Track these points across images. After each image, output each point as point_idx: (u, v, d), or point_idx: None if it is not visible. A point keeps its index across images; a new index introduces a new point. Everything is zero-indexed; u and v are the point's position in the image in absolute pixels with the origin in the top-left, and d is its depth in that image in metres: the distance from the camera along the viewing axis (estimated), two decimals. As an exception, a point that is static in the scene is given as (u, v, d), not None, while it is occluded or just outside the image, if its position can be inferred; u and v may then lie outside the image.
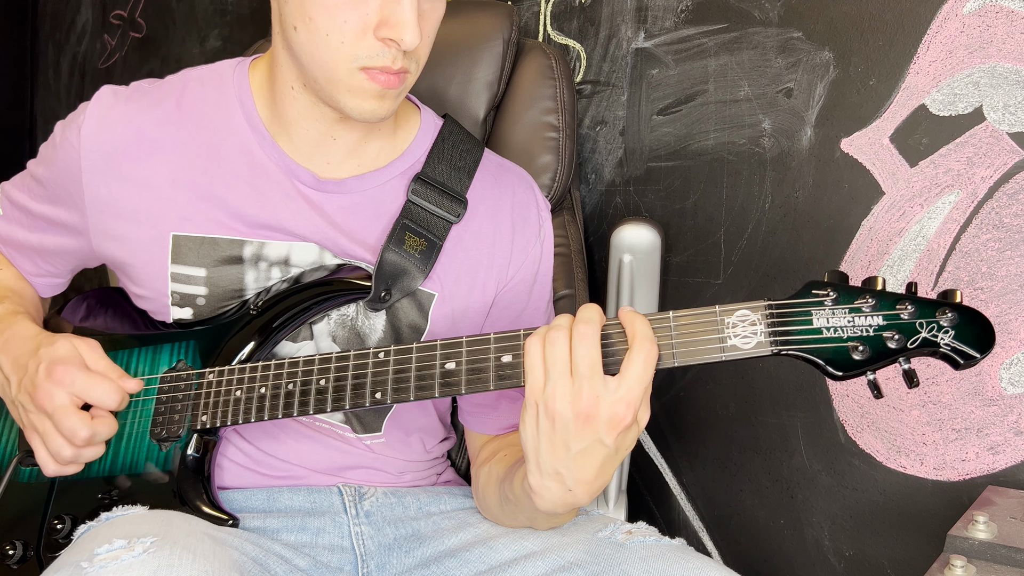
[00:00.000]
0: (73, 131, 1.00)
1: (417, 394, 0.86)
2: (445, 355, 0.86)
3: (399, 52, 0.88)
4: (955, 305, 0.74)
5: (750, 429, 1.36)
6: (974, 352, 0.73)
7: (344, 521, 0.99)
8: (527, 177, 1.12)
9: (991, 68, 1.13)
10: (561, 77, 1.34)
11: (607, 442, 0.76)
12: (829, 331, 0.76)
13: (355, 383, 0.90)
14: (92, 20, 2.50)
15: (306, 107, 0.97)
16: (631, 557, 0.83)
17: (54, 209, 1.05)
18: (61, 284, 1.14)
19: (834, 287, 0.77)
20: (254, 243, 0.99)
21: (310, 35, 0.89)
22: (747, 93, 1.33)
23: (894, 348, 0.75)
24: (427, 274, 1.00)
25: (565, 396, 0.76)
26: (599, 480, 0.80)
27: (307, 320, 1.00)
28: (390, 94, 0.91)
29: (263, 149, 1.00)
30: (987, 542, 0.93)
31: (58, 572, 0.75)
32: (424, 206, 1.01)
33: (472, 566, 0.92)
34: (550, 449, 0.78)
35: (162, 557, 0.73)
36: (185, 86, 1.03)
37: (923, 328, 0.75)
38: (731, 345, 0.78)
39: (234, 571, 0.77)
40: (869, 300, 0.76)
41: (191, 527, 0.82)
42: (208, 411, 0.95)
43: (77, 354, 0.93)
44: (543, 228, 1.09)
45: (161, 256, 0.99)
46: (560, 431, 0.77)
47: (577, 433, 0.76)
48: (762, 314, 0.78)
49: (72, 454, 0.91)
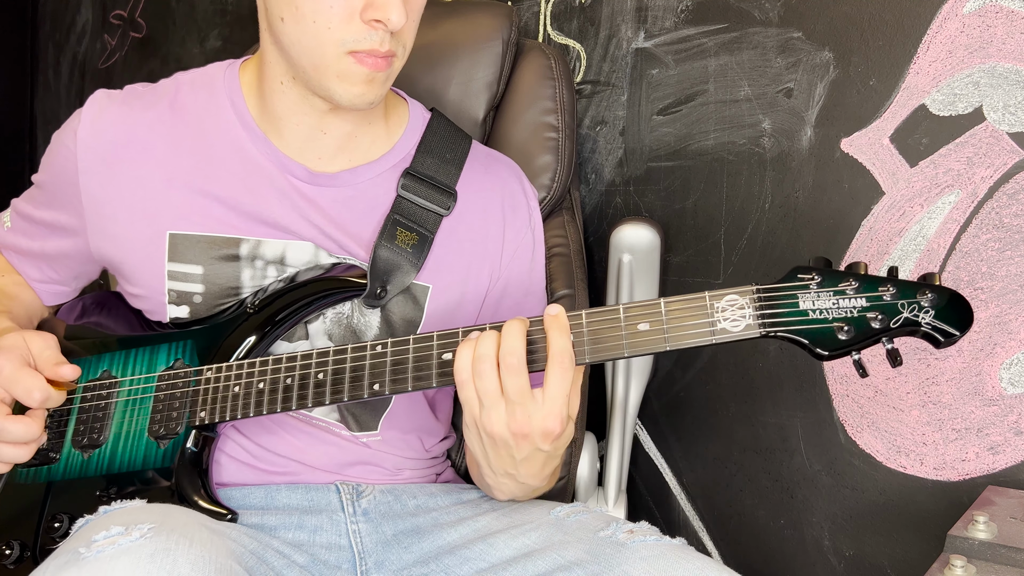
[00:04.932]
0: (68, 135, 1.03)
1: (415, 384, 0.88)
2: (442, 346, 0.88)
3: (386, 34, 0.91)
4: (935, 286, 0.78)
5: (750, 429, 1.36)
6: (954, 330, 0.77)
7: (341, 519, 0.99)
8: (515, 167, 1.15)
9: (991, 68, 1.13)
10: (560, 77, 1.34)
11: (544, 449, 0.84)
12: (815, 313, 0.79)
13: (353, 375, 0.91)
14: (92, 20, 2.50)
15: (295, 101, 0.99)
16: (632, 557, 0.83)
17: (54, 213, 1.07)
18: (66, 292, 1.16)
19: (819, 271, 0.80)
20: (250, 241, 1.01)
21: (297, 23, 0.91)
22: (747, 93, 1.33)
23: (877, 328, 0.78)
24: (419, 268, 1.02)
25: (501, 420, 0.83)
26: (546, 469, 0.90)
27: (304, 318, 1.01)
28: (378, 78, 0.94)
29: (255, 146, 1.02)
30: (987, 542, 0.93)
31: (56, 559, 0.75)
32: (414, 200, 1.03)
33: (472, 564, 0.92)
34: (496, 458, 0.87)
35: (159, 542, 0.73)
36: (177, 89, 1.06)
37: (905, 308, 0.78)
38: (720, 328, 0.81)
39: (231, 559, 0.78)
40: (852, 283, 0.79)
41: (189, 518, 0.83)
42: (206, 407, 0.96)
43: (23, 345, 0.93)
44: (532, 217, 1.12)
45: (157, 254, 1.00)
46: (502, 446, 0.85)
47: (517, 446, 0.84)
48: (750, 298, 0.81)
49: None
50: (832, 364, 1.28)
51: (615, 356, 0.83)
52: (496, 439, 0.84)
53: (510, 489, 0.93)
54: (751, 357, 1.35)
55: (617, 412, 1.39)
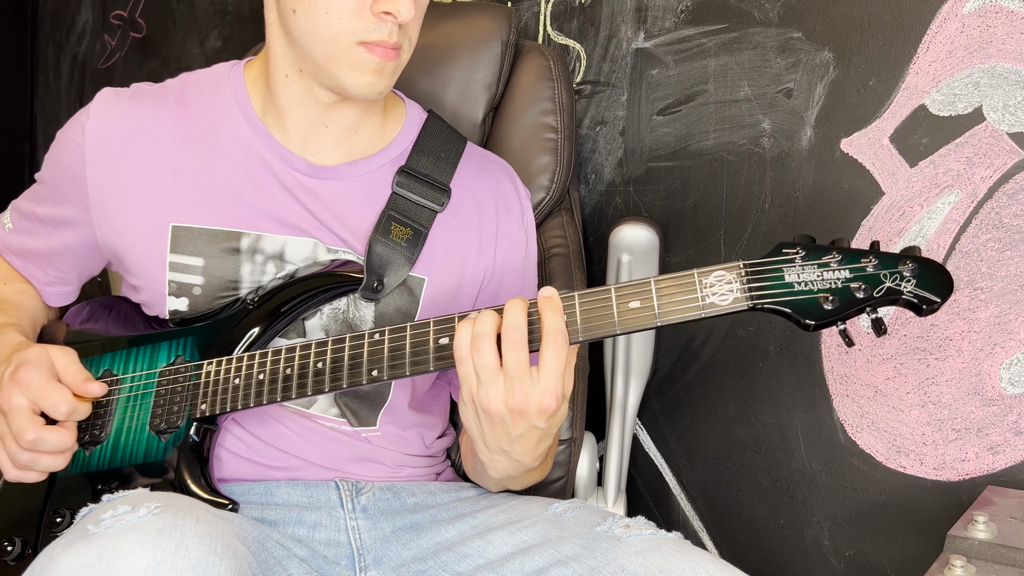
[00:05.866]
0: (76, 129, 1.05)
1: (412, 369, 0.90)
2: (439, 331, 0.90)
3: (395, 27, 0.95)
4: (916, 257, 0.80)
5: (750, 429, 1.36)
6: (935, 297, 0.79)
7: (341, 516, 1.00)
8: (509, 167, 1.17)
9: (991, 68, 1.13)
10: (559, 78, 1.34)
11: (540, 426, 0.85)
12: (800, 285, 0.82)
13: (352, 363, 0.92)
14: (92, 20, 2.50)
15: (299, 94, 1.02)
16: (628, 551, 0.84)
17: (59, 208, 1.08)
18: (70, 292, 1.17)
19: (803, 246, 0.83)
20: (251, 235, 1.02)
21: (309, 15, 0.95)
22: (747, 93, 1.33)
23: (861, 298, 0.80)
24: (413, 262, 1.04)
25: (498, 396, 0.84)
26: (540, 447, 0.90)
27: (303, 313, 1.02)
28: (388, 68, 0.97)
29: (258, 140, 1.05)
30: (987, 542, 0.93)
31: (66, 536, 0.75)
32: (409, 196, 1.06)
33: (470, 560, 0.92)
34: (492, 435, 0.88)
35: (166, 518, 0.74)
36: (184, 87, 1.09)
37: (887, 279, 0.80)
38: (709, 303, 0.83)
39: (236, 539, 0.79)
40: (836, 256, 0.82)
41: (193, 501, 0.83)
42: (207, 400, 0.97)
43: (47, 360, 0.94)
44: (525, 215, 1.14)
45: (160, 245, 1.02)
46: (498, 423, 0.86)
47: (513, 424, 0.85)
48: (737, 273, 0.83)
49: (28, 459, 0.92)
50: (832, 364, 1.28)
51: (608, 334, 0.85)
52: (493, 415, 0.85)
53: (503, 467, 0.93)
54: (751, 357, 1.35)
55: (617, 412, 1.39)
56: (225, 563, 0.73)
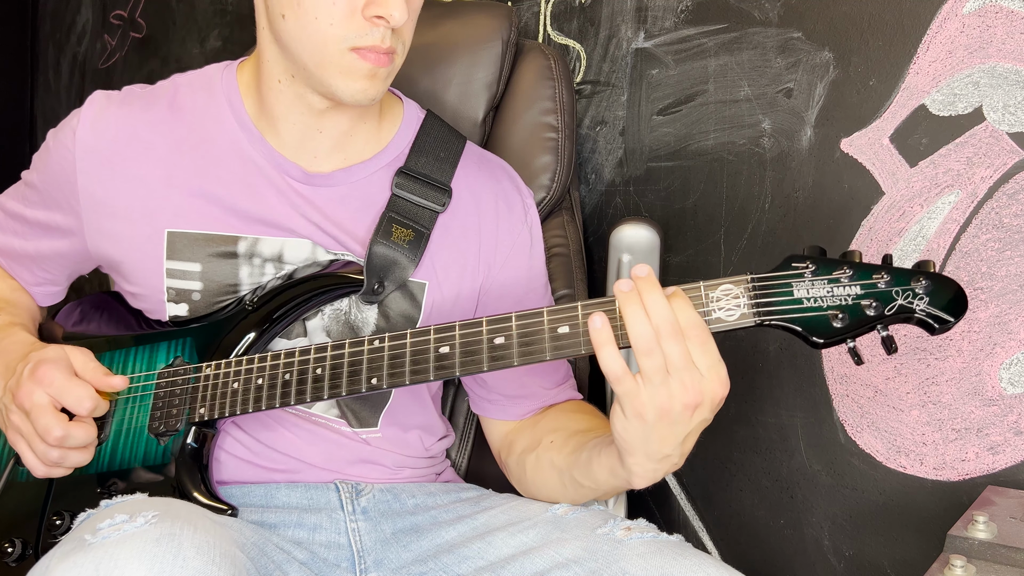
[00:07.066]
0: (67, 134, 1.03)
1: (412, 378, 0.88)
2: (439, 340, 0.88)
3: (387, 31, 0.92)
4: (929, 274, 0.78)
5: (750, 429, 1.36)
6: (948, 317, 0.76)
7: (341, 518, 1.00)
8: (508, 167, 1.16)
9: (991, 68, 1.13)
10: (560, 78, 1.34)
11: (708, 417, 0.81)
12: (809, 301, 0.79)
13: (351, 370, 0.91)
14: (92, 20, 2.50)
15: (292, 100, 1.00)
16: (629, 554, 0.83)
17: (49, 214, 1.06)
18: (59, 292, 1.16)
19: (813, 260, 0.80)
20: (248, 239, 1.01)
21: (298, 20, 0.92)
22: (747, 93, 1.33)
23: (872, 315, 0.78)
24: (417, 263, 1.02)
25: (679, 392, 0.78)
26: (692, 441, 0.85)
27: (303, 314, 1.02)
28: (380, 73, 0.95)
29: (252, 146, 1.03)
30: (987, 542, 0.93)
31: (62, 547, 0.75)
32: (409, 198, 1.04)
33: (470, 562, 0.92)
34: (659, 441, 0.81)
35: (164, 527, 0.73)
36: (176, 90, 1.07)
37: (899, 296, 0.78)
38: (715, 318, 0.81)
39: (235, 547, 0.78)
40: (847, 271, 0.79)
41: (191, 508, 0.83)
42: (206, 403, 0.96)
43: (65, 357, 0.94)
44: (528, 214, 1.12)
45: (156, 253, 1.01)
46: (672, 424, 0.80)
47: (685, 422, 0.80)
48: (745, 287, 0.81)
49: (58, 456, 0.92)
50: (832, 364, 1.28)
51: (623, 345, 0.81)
52: (670, 415, 0.79)
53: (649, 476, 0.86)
54: (751, 357, 1.35)
55: (617, 412, 1.39)
56: (223, 572, 0.73)
